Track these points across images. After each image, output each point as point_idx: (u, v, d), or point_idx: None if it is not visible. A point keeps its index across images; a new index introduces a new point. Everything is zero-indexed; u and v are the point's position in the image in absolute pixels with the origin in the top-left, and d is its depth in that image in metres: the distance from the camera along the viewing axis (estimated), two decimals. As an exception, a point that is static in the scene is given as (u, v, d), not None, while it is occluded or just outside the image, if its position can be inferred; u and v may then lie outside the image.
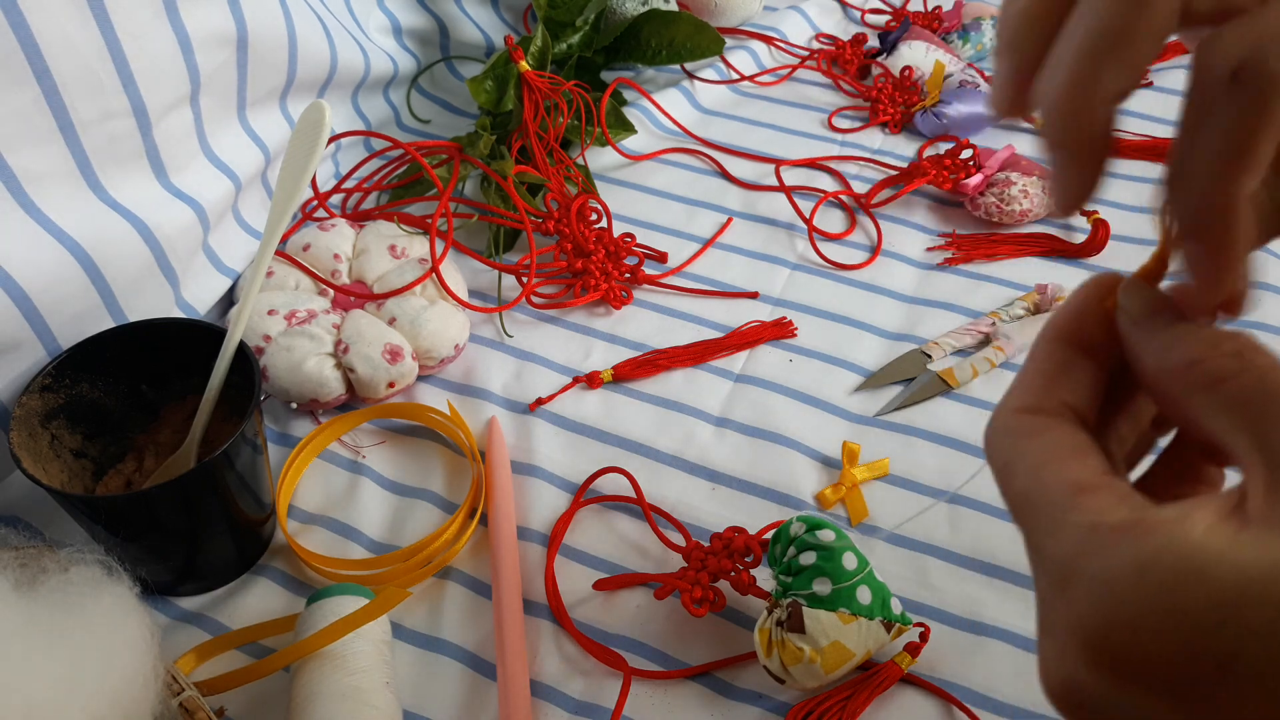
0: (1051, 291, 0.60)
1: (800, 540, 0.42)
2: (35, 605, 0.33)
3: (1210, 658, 0.18)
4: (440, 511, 0.51)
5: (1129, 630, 0.19)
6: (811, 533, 0.42)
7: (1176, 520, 0.19)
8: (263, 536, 0.49)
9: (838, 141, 0.75)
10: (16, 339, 0.45)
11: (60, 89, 0.44)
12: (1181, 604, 0.18)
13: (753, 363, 0.58)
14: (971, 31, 0.84)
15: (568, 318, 0.61)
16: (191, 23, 0.50)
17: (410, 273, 0.58)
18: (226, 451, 0.42)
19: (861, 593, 0.42)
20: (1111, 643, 0.19)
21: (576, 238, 0.62)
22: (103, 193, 0.48)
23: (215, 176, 0.56)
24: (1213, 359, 0.21)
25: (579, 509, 0.50)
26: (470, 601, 0.47)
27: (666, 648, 0.45)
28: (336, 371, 0.54)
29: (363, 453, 0.54)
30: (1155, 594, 0.19)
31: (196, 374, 0.47)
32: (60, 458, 0.45)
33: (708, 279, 0.64)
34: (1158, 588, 0.19)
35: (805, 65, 0.83)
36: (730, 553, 0.45)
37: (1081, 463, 0.22)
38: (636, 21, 0.77)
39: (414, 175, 0.68)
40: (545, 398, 0.56)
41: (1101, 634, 0.19)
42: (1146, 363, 0.23)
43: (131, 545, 0.43)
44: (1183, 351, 0.22)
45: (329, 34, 0.64)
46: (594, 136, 0.71)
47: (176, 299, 0.55)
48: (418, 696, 0.44)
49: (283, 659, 0.40)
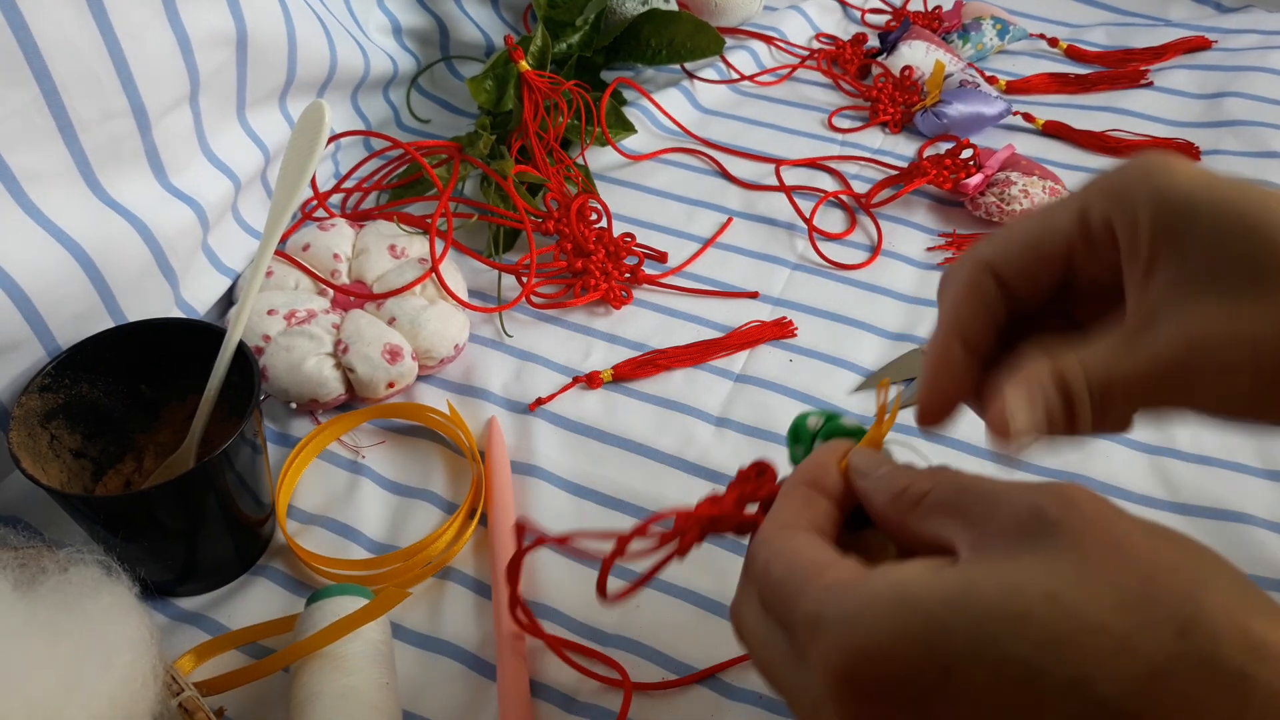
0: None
1: (829, 427, 0.35)
2: (34, 605, 0.33)
3: (931, 674, 0.22)
4: (440, 512, 0.51)
5: (865, 657, 0.23)
6: (835, 421, 0.35)
7: (894, 568, 0.24)
8: (262, 537, 0.49)
9: (838, 141, 0.75)
10: (16, 339, 0.45)
11: (60, 89, 0.44)
12: (902, 629, 0.23)
13: (753, 363, 0.58)
14: (972, 31, 0.84)
15: (568, 317, 0.61)
16: (191, 23, 0.50)
17: (410, 272, 0.58)
18: (226, 451, 0.42)
19: None
20: (856, 672, 0.23)
21: (576, 237, 0.62)
22: (102, 193, 0.48)
23: (215, 176, 0.56)
24: (915, 483, 0.27)
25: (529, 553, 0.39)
26: (470, 602, 0.47)
27: (667, 649, 0.45)
28: (336, 371, 0.54)
29: (362, 453, 0.54)
30: (881, 623, 0.23)
31: (196, 374, 0.47)
32: (60, 458, 0.45)
33: (708, 279, 0.64)
34: (883, 617, 0.23)
35: (805, 65, 0.83)
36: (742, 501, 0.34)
37: (823, 552, 0.27)
38: (636, 21, 0.77)
39: (414, 175, 0.68)
40: (545, 398, 0.56)
41: (847, 666, 0.23)
42: (873, 501, 0.29)
43: (131, 545, 0.43)
44: (893, 484, 0.28)
45: (329, 34, 0.64)
46: (594, 136, 0.71)
47: (176, 299, 0.55)
48: (417, 697, 0.43)
49: (282, 659, 0.40)
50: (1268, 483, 0.51)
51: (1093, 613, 0.21)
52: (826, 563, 0.26)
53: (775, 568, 0.27)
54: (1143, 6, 0.91)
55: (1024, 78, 0.80)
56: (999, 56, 0.86)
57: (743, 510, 0.33)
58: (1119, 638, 0.21)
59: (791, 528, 0.28)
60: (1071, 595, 0.21)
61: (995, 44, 0.85)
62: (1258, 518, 0.49)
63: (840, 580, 0.25)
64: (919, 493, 0.27)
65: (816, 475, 0.30)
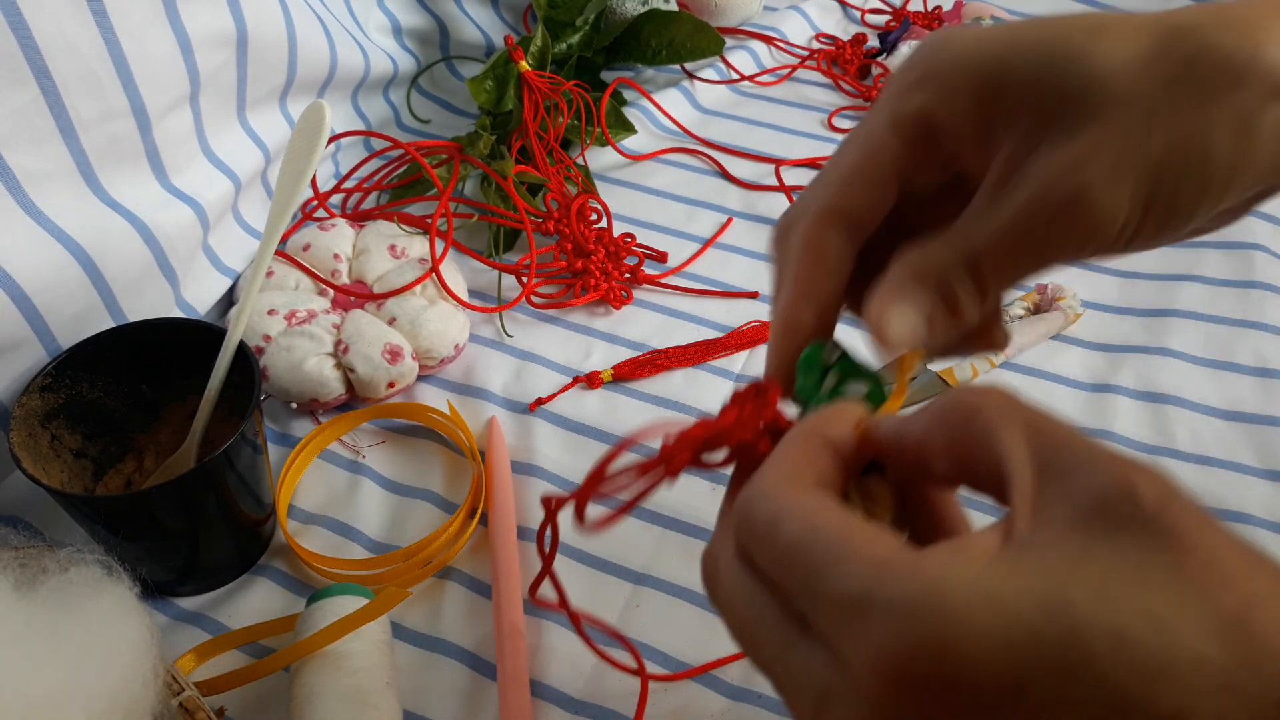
0: (1051, 291, 0.60)
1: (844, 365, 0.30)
2: (35, 605, 0.33)
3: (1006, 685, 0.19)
4: (440, 511, 0.51)
5: (932, 656, 0.19)
6: (850, 360, 0.30)
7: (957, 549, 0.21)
8: (263, 536, 0.49)
9: (838, 141, 0.75)
10: (16, 339, 0.45)
11: (60, 89, 0.44)
12: (984, 630, 0.19)
13: (753, 363, 0.58)
14: (971, 31, 0.84)
15: (568, 318, 0.61)
16: (191, 23, 0.50)
17: (410, 272, 0.58)
18: (226, 451, 0.42)
19: None
20: (914, 670, 0.20)
21: (576, 238, 0.62)
22: (102, 193, 0.48)
23: (215, 176, 0.56)
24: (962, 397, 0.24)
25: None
26: (470, 601, 0.47)
27: (668, 647, 0.45)
28: (336, 371, 0.54)
29: (363, 452, 0.54)
30: (959, 618, 0.19)
31: (196, 374, 0.47)
32: (60, 458, 0.45)
33: (708, 279, 0.64)
34: (960, 611, 0.19)
35: (805, 65, 0.83)
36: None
37: (851, 518, 0.23)
38: (636, 21, 0.77)
39: (414, 175, 0.68)
40: (545, 398, 0.56)
41: (905, 662, 0.20)
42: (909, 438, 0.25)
43: (131, 545, 0.43)
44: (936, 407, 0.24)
45: (329, 34, 0.64)
46: (594, 136, 0.71)
47: (176, 299, 0.55)
48: (418, 696, 0.43)
49: (283, 659, 0.40)
50: (1267, 483, 0.51)
51: (1194, 641, 0.19)
52: (865, 535, 0.22)
53: (789, 528, 0.23)
54: (1142, 8, 0.91)
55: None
56: (999, 57, 0.86)
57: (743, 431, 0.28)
58: (1222, 673, 0.18)
59: (802, 482, 0.25)
60: (1172, 618, 0.19)
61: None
62: (1257, 518, 0.49)
63: (894, 557, 0.21)
64: (971, 405, 0.23)
65: (827, 426, 0.26)
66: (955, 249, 0.26)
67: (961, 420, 0.23)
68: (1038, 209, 0.25)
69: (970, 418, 0.23)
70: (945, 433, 0.24)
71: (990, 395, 0.23)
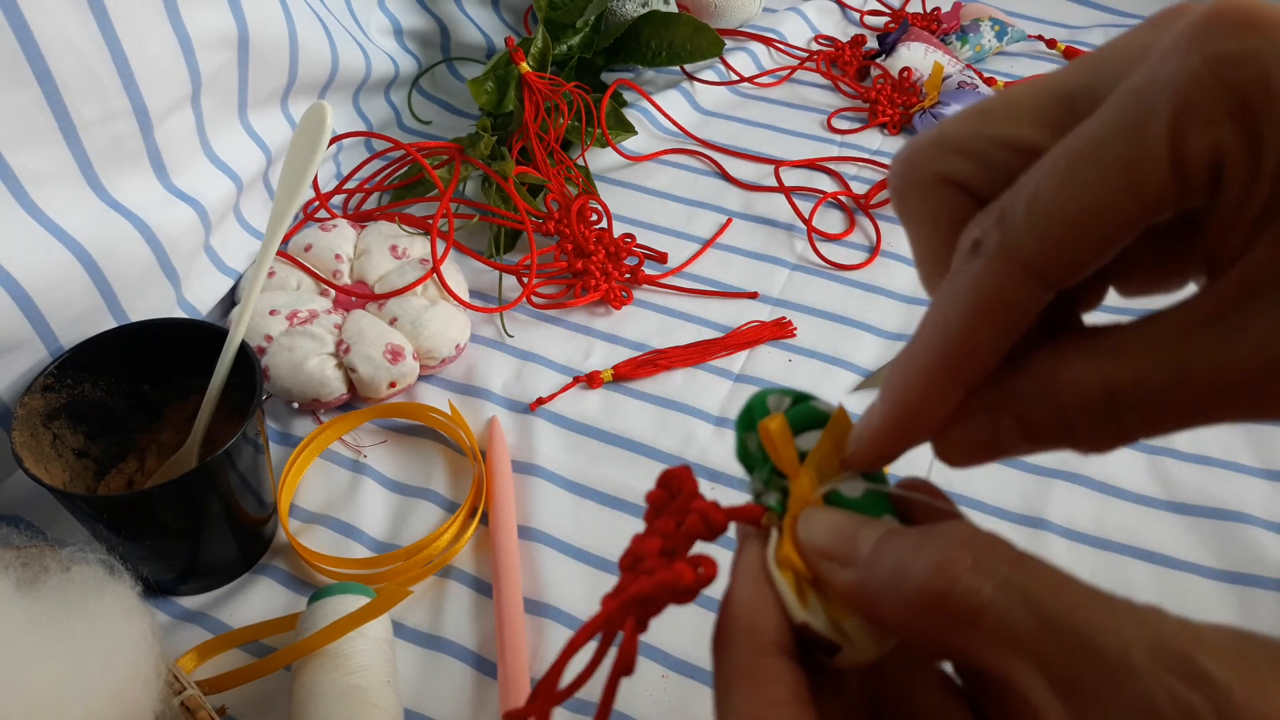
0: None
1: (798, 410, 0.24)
2: (37, 604, 0.34)
3: None
4: (441, 511, 0.51)
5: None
6: (803, 404, 0.24)
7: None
8: (264, 536, 0.50)
9: (837, 142, 0.76)
10: (18, 339, 0.45)
11: (61, 90, 0.44)
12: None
13: (752, 363, 0.59)
14: (970, 33, 0.84)
15: (568, 318, 0.62)
16: (192, 23, 0.50)
17: (411, 273, 0.58)
18: (228, 451, 0.42)
19: None
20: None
21: (577, 238, 0.62)
22: (104, 193, 0.49)
23: (217, 177, 0.56)
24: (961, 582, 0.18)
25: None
26: (471, 600, 0.47)
27: (668, 648, 0.45)
28: (338, 371, 0.54)
29: (364, 452, 0.54)
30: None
31: (198, 374, 0.47)
32: (62, 457, 0.46)
33: (707, 279, 0.64)
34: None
35: (804, 66, 0.83)
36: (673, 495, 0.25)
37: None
38: (636, 23, 0.77)
39: (415, 176, 0.69)
40: (546, 397, 0.56)
41: None
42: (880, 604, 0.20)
43: (133, 544, 0.43)
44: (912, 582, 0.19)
45: (330, 35, 0.65)
46: (594, 137, 0.71)
47: (178, 299, 0.55)
48: (419, 695, 0.44)
49: (284, 658, 0.40)
50: (1266, 482, 0.51)
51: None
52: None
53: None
54: (1141, 8, 0.91)
55: (1022, 79, 0.80)
56: (997, 58, 0.86)
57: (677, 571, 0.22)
58: None
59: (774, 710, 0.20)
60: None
61: (993, 46, 0.85)
62: (1256, 517, 0.49)
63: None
64: (973, 604, 0.18)
65: (756, 637, 0.22)
66: (1125, 381, 0.18)
67: (954, 625, 0.18)
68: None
69: (968, 623, 0.18)
70: (932, 631, 0.19)
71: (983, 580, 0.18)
